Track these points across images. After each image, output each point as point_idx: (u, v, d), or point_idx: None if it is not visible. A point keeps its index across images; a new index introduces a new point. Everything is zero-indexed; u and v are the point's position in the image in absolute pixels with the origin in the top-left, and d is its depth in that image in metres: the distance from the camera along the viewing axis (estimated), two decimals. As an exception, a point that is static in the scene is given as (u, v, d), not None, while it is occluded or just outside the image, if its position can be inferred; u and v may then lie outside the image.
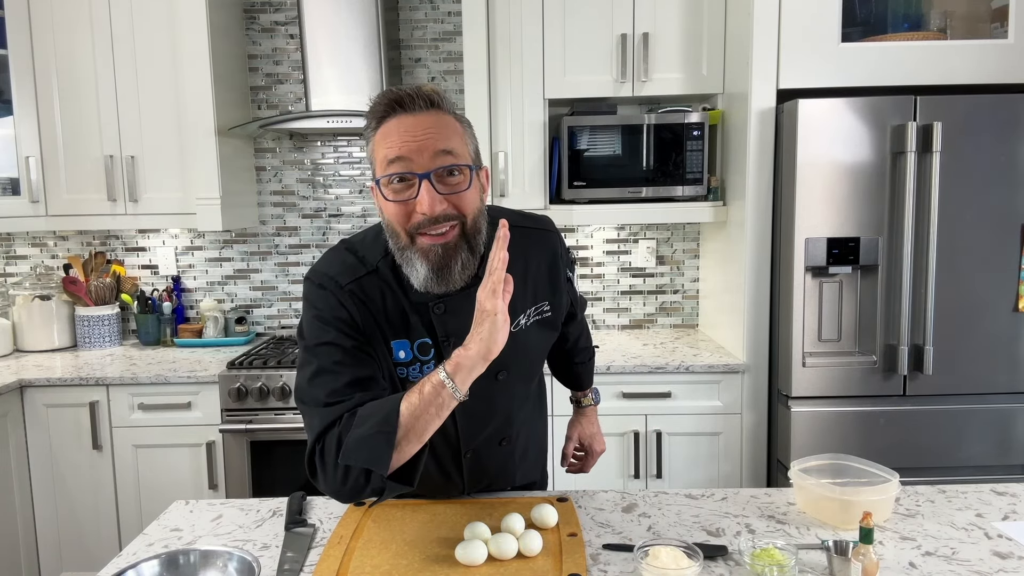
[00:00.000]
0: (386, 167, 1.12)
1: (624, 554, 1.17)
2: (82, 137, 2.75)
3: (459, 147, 1.13)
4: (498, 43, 2.66)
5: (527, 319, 1.28)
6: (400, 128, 1.12)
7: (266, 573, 1.12)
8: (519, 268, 1.22)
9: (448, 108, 1.16)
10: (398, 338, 1.21)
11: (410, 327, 1.21)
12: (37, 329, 2.92)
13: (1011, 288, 2.29)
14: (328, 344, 1.17)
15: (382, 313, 1.20)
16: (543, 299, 1.31)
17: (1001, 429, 2.32)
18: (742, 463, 2.53)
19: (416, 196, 1.10)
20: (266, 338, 3.06)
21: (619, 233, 3.10)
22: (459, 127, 1.16)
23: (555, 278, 1.33)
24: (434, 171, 1.10)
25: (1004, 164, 2.25)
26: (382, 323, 1.20)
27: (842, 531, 1.24)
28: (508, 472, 1.43)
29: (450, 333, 1.20)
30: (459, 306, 1.20)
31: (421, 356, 1.22)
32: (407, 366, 1.22)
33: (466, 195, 1.13)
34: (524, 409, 1.42)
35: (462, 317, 1.16)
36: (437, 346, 1.22)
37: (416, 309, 1.21)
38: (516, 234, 1.14)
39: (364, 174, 3.08)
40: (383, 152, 1.13)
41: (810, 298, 2.33)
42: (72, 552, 2.57)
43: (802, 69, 2.36)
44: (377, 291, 1.20)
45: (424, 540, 1.20)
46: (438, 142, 1.11)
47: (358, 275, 1.20)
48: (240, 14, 2.97)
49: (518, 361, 1.27)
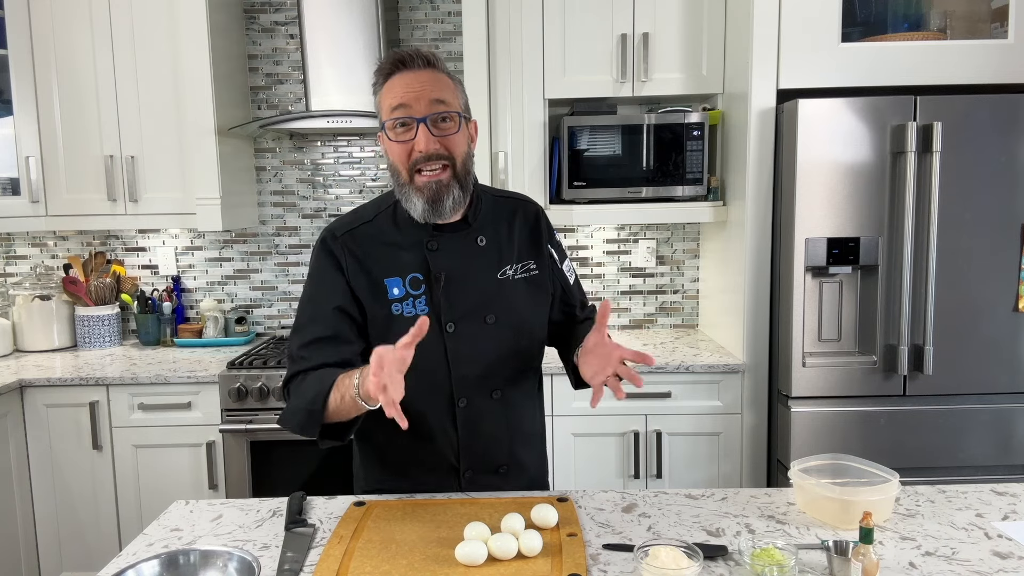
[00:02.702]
0: (390, 113, 1.31)
1: (624, 554, 1.17)
2: (82, 137, 2.75)
3: (451, 98, 1.32)
4: (498, 43, 2.67)
5: (514, 272, 1.43)
6: (402, 82, 1.30)
7: (266, 573, 1.12)
8: (503, 230, 1.44)
9: (442, 67, 1.35)
10: (390, 276, 1.38)
11: (402, 264, 1.38)
12: (37, 329, 2.92)
13: (1011, 288, 2.29)
14: (309, 303, 1.40)
15: (373, 257, 1.39)
16: (528, 258, 1.46)
17: (1001, 429, 2.32)
18: (742, 463, 2.53)
19: (414, 137, 1.29)
20: (266, 338, 3.06)
21: (619, 233, 3.10)
22: (451, 83, 1.34)
23: (536, 240, 1.48)
24: (429, 116, 1.29)
25: (1004, 164, 2.25)
26: (373, 266, 1.38)
27: (842, 531, 1.24)
28: (501, 438, 1.45)
29: (441, 269, 1.37)
30: (449, 244, 1.39)
31: (412, 291, 1.37)
32: (401, 302, 1.37)
33: (455, 138, 1.32)
34: (514, 365, 1.44)
35: (450, 255, 1.38)
36: (428, 281, 1.37)
37: (409, 246, 1.38)
38: (501, 203, 1.47)
39: (364, 174, 3.08)
40: (388, 101, 1.31)
41: (810, 298, 2.33)
42: (72, 552, 2.57)
43: (802, 69, 2.36)
44: (369, 237, 1.40)
45: (424, 540, 1.20)
46: (433, 93, 1.30)
47: (353, 226, 1.41)
48: (240, 14, 2.97)
49: (505, 308, 1.40)
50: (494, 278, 1.41)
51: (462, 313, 1.37)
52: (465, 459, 1.43)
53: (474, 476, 1.44)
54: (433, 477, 1.44)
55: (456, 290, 1.38)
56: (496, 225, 1.44)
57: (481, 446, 1.43)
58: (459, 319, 1.37)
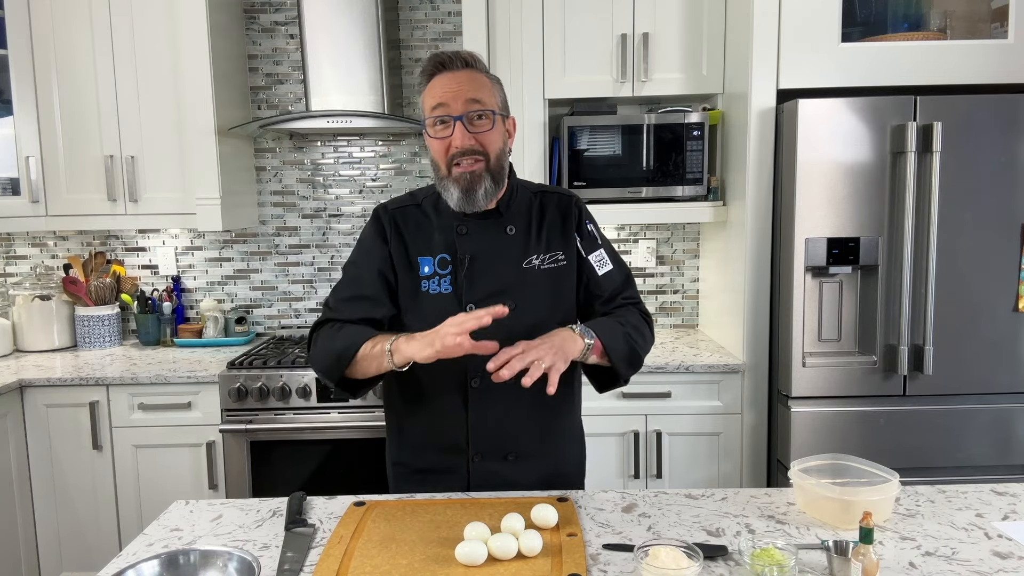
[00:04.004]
0: (431, 112, 1.41)
1: (624, 554, 1.17)
2: (82, 137, 2.75)
3: (487, 98, 1.41)
4: (498, 43, 2.66)
5: (541, 262, 1.49)
6: (442, 83, 1.40)
7: (266, 573, 1.12)
8: (535, 221, 1.51)
9: (481, 68, 1.44)
10: (422, 255, 1.48)
11: (434, 244, 1.48)
12: (37, 329, 2.92)
13: (1011, 288, 2.29)
14: (353, 264, 1.53)
15: (412, 233, 1.50)
16: (557, 249, 1.51)
17: (1001, 429, 2.32)
18: (742, 463, 2.53)
19: (452, 134, 1.38)
20: (266, 338, 3.06)
21: (619, 233, 3.10)
22: (488, 82, 1.43)
23: (567, 231, 1.53)
24: (465, 114, 1.38)
25: (1004, 164, 2.25)
26: (411, 243, 1.49)
27: (842, 531, 1.24)
28: (512, 424, 1.46)
29: (467, 252, 1.46)
30: (478, 230, 1.47)
31: (440, 270, 1.47)
32: (429, 279, 1.47)
33: (490, 135, 1.41)
34: None
35: (478, 240, 1.46)
36: (455, 262, 1.46)
37: (442, 229, 1.48)
38: (537, 196, 1.54)
39: (364, 174, 3.08)
40: (429, 101, 1.42)
41: (810, 298, 2.33)
42: (72, 552, 2.57)
43: (802, 69, 2.36)
44: (413, 217, 1.52)
45: (424, 540, 1.20)
46: (470, 92, 1.39)
47: (403, 204, 1.54)
48: (240, 14, 2.97)
49: (527, 296, 1.45)
50: (519, 266, 1.47)
51: (483, 296, 1.43)
52: (474, 441, 1.46)
53: (482, 461, 1.46)
54: (444, 458, 1.48)
55: (479, 273, 1.45)
56: (528, 216, 1.51)
57: (490, 430, 1.46)
58: (479, 301, 1.43)
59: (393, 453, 1.57)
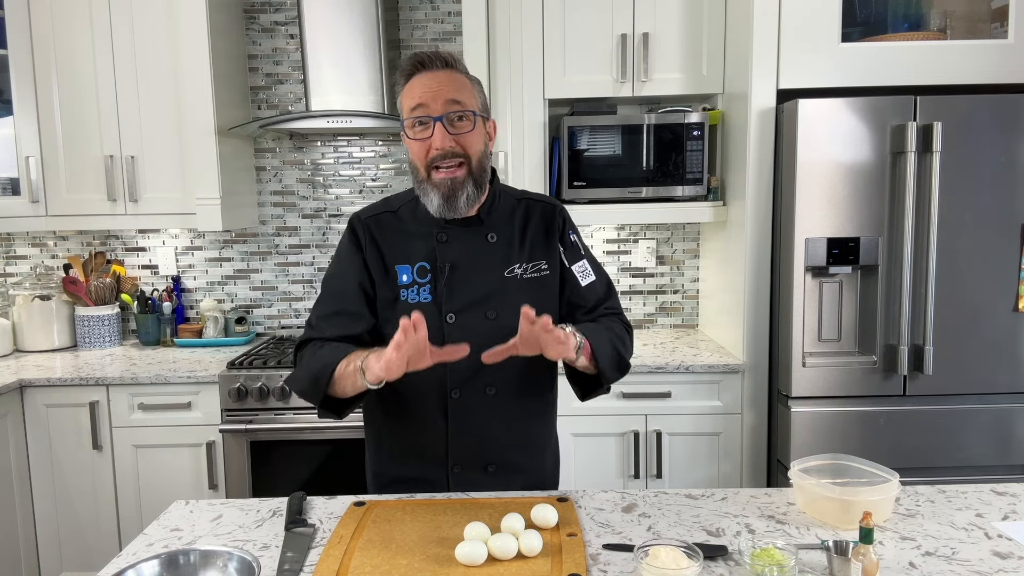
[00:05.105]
0: (410, 112, 1.37)
1: (624, 554, 1.17)
2: (82, 137, 2.75)
3: (467, 98, 1.37)
4: (498, 43, 2.66)
5: (524, 271, 1.46)
6: (421, 82, 1.36)
7: (266, 573, 1.12)
8: (517, 229, 1.48)
9: (461, 68, 1.40)
10: (400, 263, 1.44)
11: (412, 252, 1.44)
12: (37, 329, 2.92)
13: (1011, 288, 2.29)
14: (332, 278, 1.49)
15: (389, 243, 1.46)
16: (540, 258, 1.48)
17: (1001, 429, 2.32)
18: (742, 463, 2.53)
19: (431, 135, 1.34)
20: (266, 338, 3.06)
21: (619, 233, 3.10)
22: (469, 83, 1.40)
23: (551, 240, 1.50)
24: (445, 115, 1.34)
25: (1004, 164, 2.25)
26: (388, 249, 1.45)
27: (842, 531, 1.24)
28: (492, 436, 1.45)
29: (447, 260, 1.42)
30: (458, 238, 1.43)
31: (419, 279, 1.43)
32: (407, 288, 1.43)
33: (470, 136, 1.37)
34: (512, 364, 1.40)
35: (458, 248, 1.43)
36: (434, 270, 1.42)
37: (422, 236, 1.44)
38: (520, 204, 1.51)
39: (364, 174, 3.08)
40: (408, 102, 1.38)
41: (810, 298, 2.33)
42: (72, 552, 2.57)
43: (802, 69, 2.36)
44: (389, 225, 1.47)
45: (424, 540, 1.20)
46: (450, 93, 1.35)
47: (377, 212, 1.49)
48: (240, 14, 2.97)
49: (508, 305, 1.42)
50: (500, 275, 1.44)
51: (463, 305, 1.41)
52: (453, 453, 1.45)
53: (462, 472, 1.45)
54: (423, 469, 1.46)
55: (460, 282, 1.42)
56: (511, 224, 1.48)
57: (470, 441, 1.44)
58: (460, 311, 1.41)
59: (373, 463, 1.55)
